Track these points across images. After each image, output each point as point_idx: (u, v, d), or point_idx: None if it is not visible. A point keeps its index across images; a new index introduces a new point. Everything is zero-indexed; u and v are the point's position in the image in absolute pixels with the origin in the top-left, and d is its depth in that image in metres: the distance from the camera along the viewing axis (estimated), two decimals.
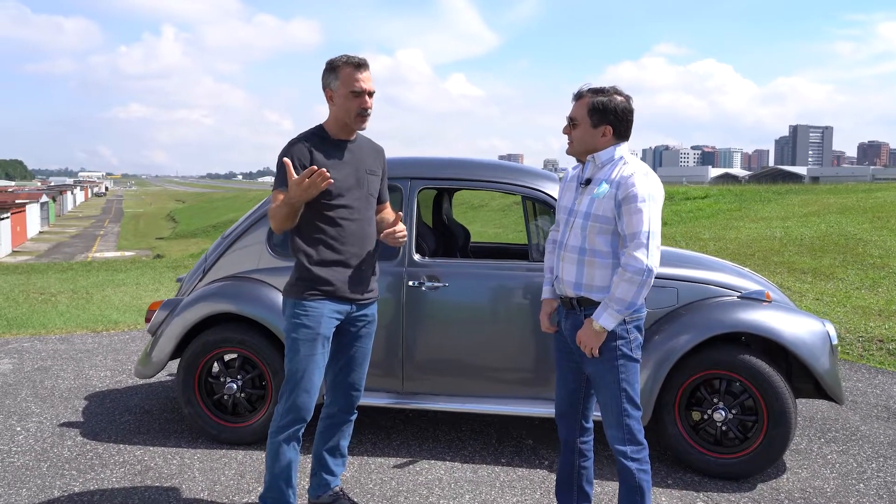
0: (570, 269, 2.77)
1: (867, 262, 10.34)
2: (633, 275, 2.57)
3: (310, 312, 2.92)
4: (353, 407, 3.21)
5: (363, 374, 3.19)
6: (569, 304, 2.81)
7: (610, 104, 2.68)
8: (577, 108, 2.73)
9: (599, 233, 2.68)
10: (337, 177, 2.90)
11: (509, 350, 3.89)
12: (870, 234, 12.48)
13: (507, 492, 3.53)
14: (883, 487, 3.59)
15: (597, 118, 2.69)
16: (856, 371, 5.78)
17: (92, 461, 3.85)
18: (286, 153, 2.89)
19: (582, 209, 2.73)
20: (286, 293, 3.01)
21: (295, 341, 2.94)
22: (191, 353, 4.05)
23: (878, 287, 8.92)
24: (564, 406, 2.98)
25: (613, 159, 2.72)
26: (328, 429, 3.20)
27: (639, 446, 2.73)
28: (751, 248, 12.13)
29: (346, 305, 3.01)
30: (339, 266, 2.95)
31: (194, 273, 4.42)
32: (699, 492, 3.52)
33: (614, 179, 2.66)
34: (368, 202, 3.05)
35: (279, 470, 2.99)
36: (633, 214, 2.58)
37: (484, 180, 4.09)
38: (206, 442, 4.09)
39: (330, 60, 2.94)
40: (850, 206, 16.27)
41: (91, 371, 5.68)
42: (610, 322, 2.63)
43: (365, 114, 2.93)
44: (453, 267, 3.98)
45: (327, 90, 2.94)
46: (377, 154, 3.16)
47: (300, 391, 2.94)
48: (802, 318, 3.74)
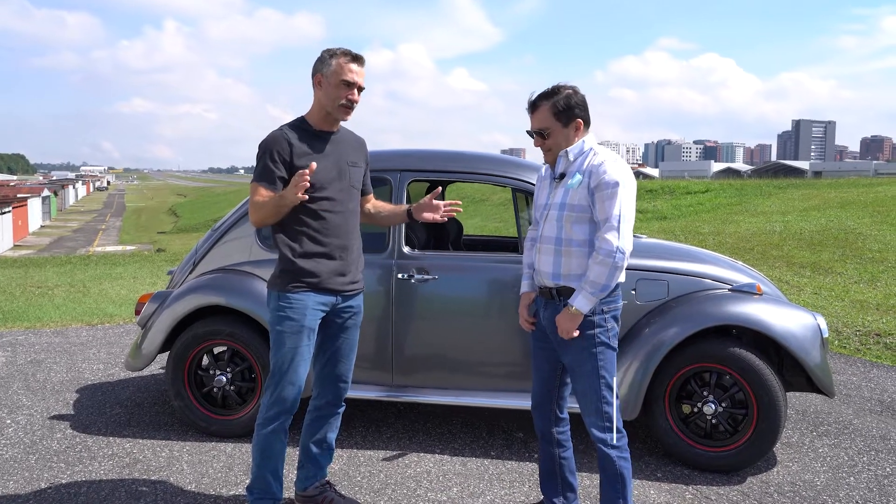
0: (548, 260, 2.81)
1: (866, 257, 10.31)
2: (605, 257, 2.62)
3: (294, 305, 2.91)
4: (341, 399, 3.20)
5: (350, 365, 3.18)
6: (548, 295, 2.85)
7: (571, 100, 2.75)
8: (540, 118, 2.78)
9: (576, 222, 2.73)
10: (318, 169, 2.88)
11: (499, 343, 3.87)
12: (869, 228, 12.44)
13: (495, 484, 3.52)
14: (874, 481, 3.57)
15: (565, 117, 2.75)
16: (851, 365, 5.76)
17: (81, 454, 3.84)
18: (266, 145, 2.88)
19: (556, 201, 2.78)
20: (270, 285, 3.00)
21: (280, 334, 2.93)
22: (180, 345, 4.04)
23: (876, 281, 8.90)
24: (539, 397, 3.01)
25: (584, 151, 2.78)
26: (315, 421, 3.19)
27: (618, 434, 2.75)
28: (750, 243, 12.10)
29: (331, 297, 3.00)
30: (322, 258, 2.94)
31: (185, 265, 4.41)
32: (688, 485, 3.51)
33: (586, 169, 2.72)
34: (351, 194, 3.04)
35: (266, 462, 2.98)
36: (606, 200, 2.65)
37: (474, 172, 4.07)
38: (195, 434, 4.08)
39: (327, 49, 2.94)
40: (850, 200, 16.23)
41: (84, 364, 5.68)
42: (585, 305, 2.67)
43: (350, 105, 2.92)
44: (442, 259, 3.96)
45: (317, 75, 2.92)
46: (359, 146, 3.15)
47: (286, 383, 2.94)
48: (793, 311, 3.71)
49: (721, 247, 11.62)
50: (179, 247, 31.95)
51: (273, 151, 2.86)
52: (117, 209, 77.34)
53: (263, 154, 2.88)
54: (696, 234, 13.68)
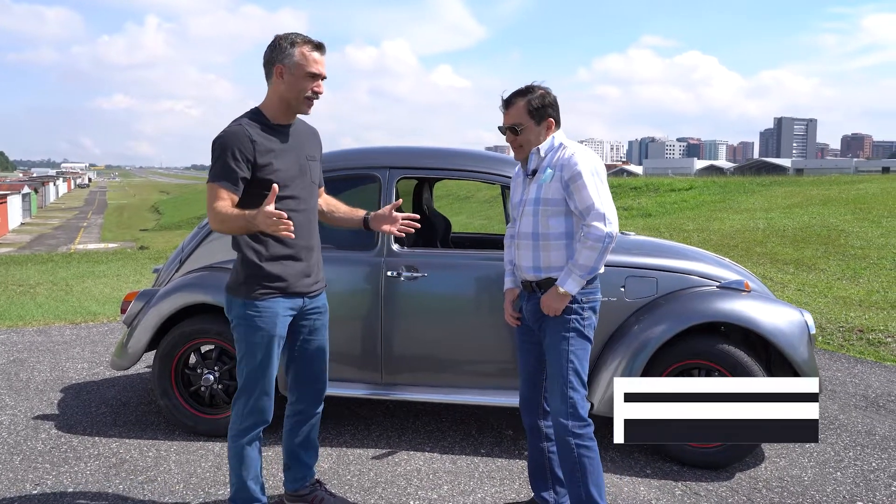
0: (527, 255, 2.88)
1: (848, 253, 10.41)
2: (595, 242, 2.68)
3: (263, 313, 2.78)
4: (321, 400, 3.11)
5: (325, 365, 3.09)
6: (529, 288, 2.91)
7: (545, 99, 2.82)
8: (514, 115, 2.83)
9: (552, 215, 2.79)
10: (281, 166, 2.75)
11: (489, 340, 3.86)
12: (851, 225, 12.57)
13: (485, 482, 3.51)
14: (860, 476, 3.60)
15: (538, 116, 2.82)
16: (836, 361, 5.81)
17: (66, 454, 3.79)
18: (225, 142, 2.68)
19: (531, 197, 2.84)
20: (233, 292, 2.83)
21: (251, 345, 2.80)
22: (167, 344, 4.00)
23: (858, 278, 8.99)
24: (526, 391, 3.06)
25: (554, 147, 2.84)
26: (297, 425, 3.09)
27: (581, 422, 2.77)
28: (734, 240, 12.19)
29: (299, 300, 2.89)
30: (289, 260, 2.82)
31: (171, 263, 4.37)
32: (678, 481, 3.52)
33: (557, 163, 2.79)
34: (312, 191, 2.93)
35: (246, 470, 2.90)
36: (582, 190, 2.71)
37: (462, 169, 4.06)
38: (182, 434, 4.04)
39: (284, 36, 2.74)
40: (832, 197, 16.39)
41: (68, 363, 5.61)
42: (574, 286, 2.74)
43: (315, 97, 2.79)
44: (432, 257, 3.94)
45: (277, 66, 2.73)
46: (314, 137, 3.03)
47: (261, 394, 2.85)
48: (781, 307, 3.74)
49: (706, 244, 11.70)
50: (162, 244, 31.69)
51: (234, 149, 2.66)
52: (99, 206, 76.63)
53: (224, 152, 2.67)
54: (681, 231, 13.76)
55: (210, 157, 2.73)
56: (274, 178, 2.71)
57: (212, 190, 2.69)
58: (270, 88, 2.79)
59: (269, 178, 2.71)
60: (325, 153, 4.27)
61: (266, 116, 2.80)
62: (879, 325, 6.70)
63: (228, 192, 2.67)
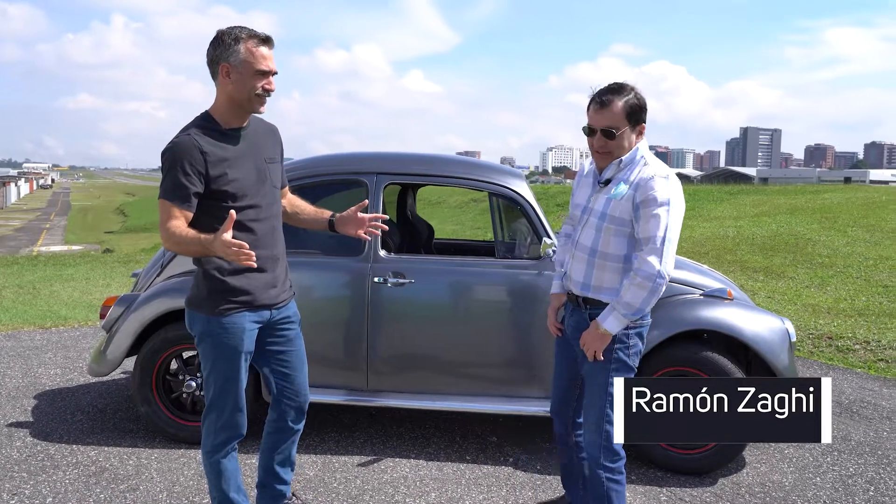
0: (580, 269, 2.71)
1: (816, 262, 10.64)
2: (644, 280, 2.49)
3: (228, 329, 2.64)
4: (304, 413, 2.98)
5: (305, 377, 2.96)
6: (574, 302, 2.78)
7: (642, 101, 2.58)
8: (610, 117, 2.56)
9: (615, 234, 2.61)
10: (237, 175, 2.58)
11: (475, 347, 3.87)
12: (818, 234, 12.84)
13: (472, 489, 3.52)
14: (839, 481, 3.68)
15: (634, 119, 2.59)
16: (807, 367, 5.93)
17: (43, 462, 3.71)
18: (174, 156, 2.51)
19: (598, 208, 2.65)
20: (195, 307, 2.68)
21: (217, 361, 2.68)
22: (148, 350, 3.93)
23: (826, 286, 9.18)
24: (558, 403, 2.99)
25: (635, 159, 2.62)
26: (278, 442, 2.98)
27: (614, 456, 2.68)
28: (704, 247, 12.36)
29: (265, 312, 2.75)
30: (254, 272, 2.64)
31: (151, 268, 4.30)
32: (663, 487, 3.56)
33: (633, 181, 2.57)
34: (274, 196, 2.77)
35: (226, 483, 2.81)
36: (651, 219, 2.50)
37: (451, 176, 4.06)
38: (163, 441, 3.97)
39: (227, 31, 2.55)
40: (799, 206, 16.73)
41: (40, 369, 5.49)
42: (615, 326, 2.57)
43: (267, 95, 2.61)
44: (419, 263, 3.94)
45: (222, 65, 2.54)
46: (272, 135, 2.83)
47: (233, 409, 2.74)
48: (762, 315, 3.81)
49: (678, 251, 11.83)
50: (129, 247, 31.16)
51: (184, 163, 2.48)
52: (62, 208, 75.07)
53: (173, 166, 2.50)
54: None
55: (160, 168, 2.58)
56: (230, 188, 2.57)
57: (163, 207, 2.52)
58: (218, 89, 2.61)
59: (224, 188, 2.57)
60: (313, 158, 4.26)
61: (217, 121, 2.62)
62: (847, 332, 6.85)
63: (181, 210, 2.51)
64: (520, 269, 3.85)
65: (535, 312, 3.73)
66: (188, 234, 2.47)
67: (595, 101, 2.59)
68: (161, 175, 2.55)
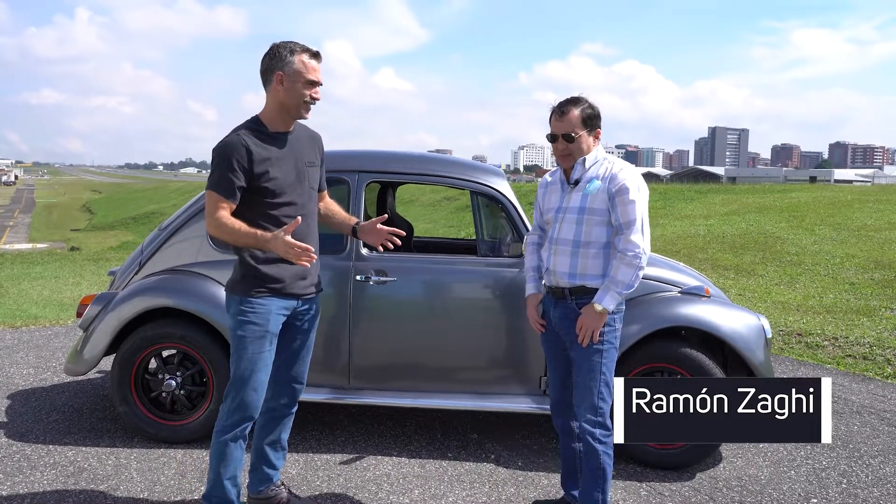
0: (564, 261, 2.95)
1: (785, 259, 10.85)
2: (632, 258, 2.80)
3: (257, 310, 2.87)
4: (296, 400, 3.18)
5: (306, 367, 3.16)
6: (559, 294, 2.98)
7: (596, 110, 2.95)
8: (568, 123, 2.91)
9: (597, 224, 2.90)
10: (278, 174, 2.83)
11: (457, 345, 3.89)
12: (787, 232, 13.09)
13: (455, 486, 3.54)
14: (812, 474, 3.77)
15: (590, 125, 2.94)
16: (779, 364, 6.05)
17: (20, 463, 3.65)
18: (222, 152, 2.77)
19: (574, 205, 2.93)
20: (231, 289, 2.93)
21: (242, 339, 2.87)
22: (127, 349, 3.89)
23: (795, 283, 9.37)
24: (557, 393, 3.14)
25: (598, 159, 2.96)
26: (269, 423, 3.14)
27: (607, 431, 2.90)
28: (676, 245, 12.53)
29: (293, 301, 2.97)
30: (286, 263, 2.85)
31: (129, 266, 4.25)
32: (642, 482, 3.61)
33: (605, 175, 2.90)
34: (311, 196, 3.01)
35: (225, 469, 2.92)
36: (627, 205, 2.83)
37: (433, 175, 4.08)
38: (142, 441, 3.94)
39: (282, 44, 2.83)
40: (767, 205, 17.03)
41: (12, 368, 5.39)
42: (612, 303, 2.84)
43: (313, 103, 2.88)
44: (402, 262, 3.95)
45: (277, 73, 2.81)
46: (314, 142, 3.08)
47: (249, 390, 2.89)
48: (739, 312, 3.88)
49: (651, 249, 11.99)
50: (95, 245, 30.67)
51: (231, 160, 2.75)
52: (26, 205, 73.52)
53: (221, 162, 2.77)
54: None
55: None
56: (270, 185, 2.80)
57: (210, 198, 2.79)
58: (269, 95, 2.86)
59: (265, 185, 2.80)
60: None
61: (264, 124, 2.88)
62: (816, 328, 7.00)
63: (227, 202, 2.77)
64: (502, 266, 3.88)
65: (517, 310, 3.76)
66: (241, 226, 2.75)
67: (556, 112, 2.95)
68: (210, 171, 2.82)
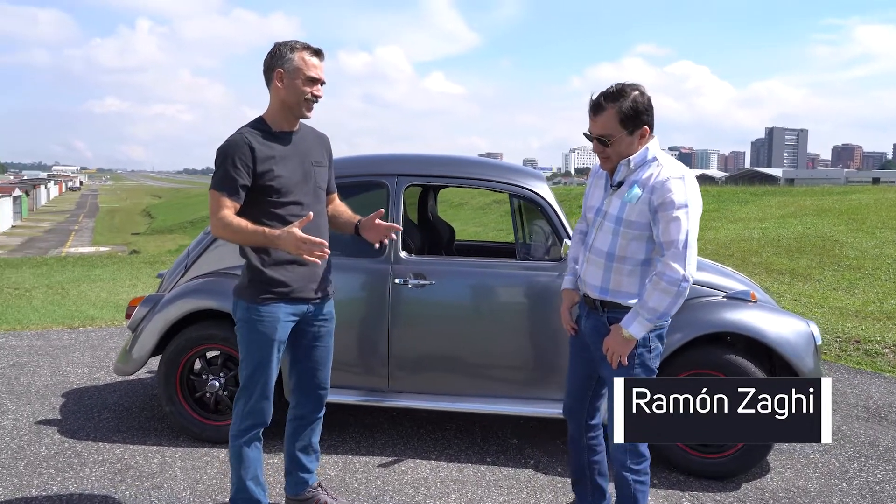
0: (596, 273, 2.68)
1: (843, 264, 10.47)
2: (669, 285, 2.46)
3: (264, 317, 2.82)
4: (322, 406, 3.15)
5: (328, 372, 3.12)
6: (591, 304, 2.74)
7: (639, 105, 2.50)
8: (603, 124, 2.52)
9: (634, 239, 2.57)
10: (283, 172, 2.79)
11: (496, 349, 3.87)
12: (846, 235, 12.64)
13: (493, 491, 3.51)
14: (865, 487, 3.62)
15: (631, 124, 2.52)
16: (835, 371, 5.84)
17: (70, 459, 3.77)
18: (225, 151, 2.74)
19: (612, 212, 2.61)
20: (238, 295, 2.89)
21: (251, 347, 2.86)
22: (173, 349, 3.98)
23: (854, 288, 9.04)
24: (572, 402, 2.97)
25: (646, 160, 2.56)
26: (298, 429, 3.13)
27: (639, 458, 2.69)
28: (729, 249, 12.23)
29: (302, 306, 2.92)
30: (293, 265, 2.83)
31: (176, 269, 4.35)
32: (685, 491, 3.53)
33: (649, 183, 2.51)
34: (318, 196, 2.95)
35: (246, 471, 2.94)
36: (671, 222, 2.46)
37: (472, 178, 4.07)
38: (187, 440, 4.02)
39: (283, 42, 2.80)
40: (825, 207, 16.48)
41: (68, 367, 5.58)
42: (640, 331, 2.54)
43: (315, 101, 2.83)
44: (440, 265, 3.95)
45: (277, 70, 2.77)
46: (321, 142, 3.03)
47: (259, 397, 2.89)
48: (787, 318, 3.76)
49: (702, 253, 11.68)
50: (154, 248, 31.57)
51: (234, 158, 2.72)
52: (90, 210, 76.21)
53: (224, 161, 2.74)
54: None
55: (213, 164, 2.81)
56: (275, 184, 2.76)
57: (214, 197, 2.74)
58: (272, 94, 2.83)
59: (269, 184, 2.76)
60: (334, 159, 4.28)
61: (268, 124, 2.85)
62: (876, 335, 6.74)
63: (231, 201, 2.73)
64: (540, 270, 3.84)
65: (555, 314, 3.69)
66: (247, 225, 2.69)
67: (591, 108, 2.56)
68: (213, 169, 2.78)
